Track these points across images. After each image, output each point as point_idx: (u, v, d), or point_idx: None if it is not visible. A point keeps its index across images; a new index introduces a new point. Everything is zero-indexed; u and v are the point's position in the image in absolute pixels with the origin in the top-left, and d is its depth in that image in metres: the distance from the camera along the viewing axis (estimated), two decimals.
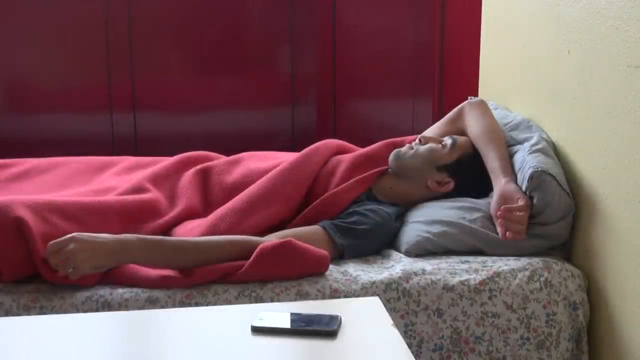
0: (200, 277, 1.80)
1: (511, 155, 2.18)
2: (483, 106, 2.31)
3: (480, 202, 2.12)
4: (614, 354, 1.89)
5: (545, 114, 2.26)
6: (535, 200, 2.00)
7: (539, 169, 2.00)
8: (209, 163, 2.28)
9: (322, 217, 2.06)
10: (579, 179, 2.03)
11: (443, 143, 2.22)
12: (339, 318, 1.33)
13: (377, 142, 2.34)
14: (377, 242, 2.06)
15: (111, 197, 2.05)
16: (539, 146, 2.11)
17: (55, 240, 1.73)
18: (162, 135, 3.54)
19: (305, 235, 1.94)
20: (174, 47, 3.38)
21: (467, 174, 2.19)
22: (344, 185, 2.14)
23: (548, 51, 2.21)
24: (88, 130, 3.29)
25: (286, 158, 2.27)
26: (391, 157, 2.22)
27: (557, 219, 2.00)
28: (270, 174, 2.14)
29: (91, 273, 1.75)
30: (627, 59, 1.77)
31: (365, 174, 2.18)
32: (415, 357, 1.26)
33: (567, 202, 2.01)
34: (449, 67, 3.36)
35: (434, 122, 3.49)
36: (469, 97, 2.73)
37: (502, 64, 2.62)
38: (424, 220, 2.08)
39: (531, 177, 2.00)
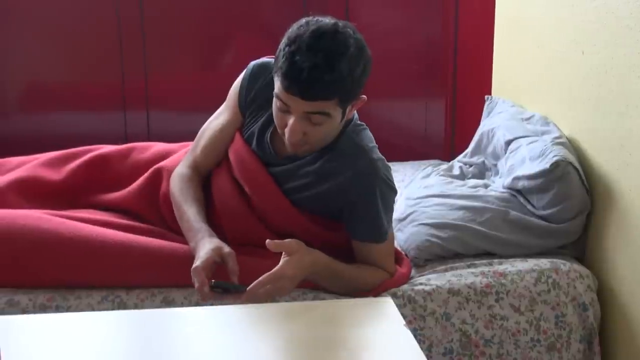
0: None
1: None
2: None
3: (490, 199, 2.09)
4: (627, 353, 1.88)
5: (559, 113, 2.25)
6: (555, 190, 1.99)
7: (566, 159, 1.98)
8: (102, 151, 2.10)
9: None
10: (593, 178, 2.03)
11: None
12: None
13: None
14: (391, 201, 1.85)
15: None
16: (562, 140, 2.10)
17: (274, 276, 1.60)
18: (176, 133, 3.54)
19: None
20: (188, 45, 3.37)
21: None
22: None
23: (562, 51, 2.20)
24: (101, 128, 3.29)
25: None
26: None
27: (573, 215, 1.99)
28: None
29: None
30: None
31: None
32: None
33: (585, 199, 2.00)
34: (462, 66, 3.35)
35: (446, 123, 3.49)
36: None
37: (516, 63, 2.61)
38: (433, 223, 2.03)
39: (557, 165, 1.97)
